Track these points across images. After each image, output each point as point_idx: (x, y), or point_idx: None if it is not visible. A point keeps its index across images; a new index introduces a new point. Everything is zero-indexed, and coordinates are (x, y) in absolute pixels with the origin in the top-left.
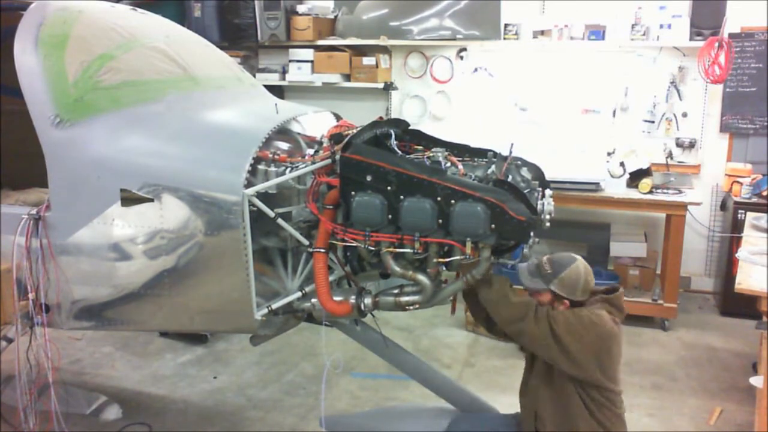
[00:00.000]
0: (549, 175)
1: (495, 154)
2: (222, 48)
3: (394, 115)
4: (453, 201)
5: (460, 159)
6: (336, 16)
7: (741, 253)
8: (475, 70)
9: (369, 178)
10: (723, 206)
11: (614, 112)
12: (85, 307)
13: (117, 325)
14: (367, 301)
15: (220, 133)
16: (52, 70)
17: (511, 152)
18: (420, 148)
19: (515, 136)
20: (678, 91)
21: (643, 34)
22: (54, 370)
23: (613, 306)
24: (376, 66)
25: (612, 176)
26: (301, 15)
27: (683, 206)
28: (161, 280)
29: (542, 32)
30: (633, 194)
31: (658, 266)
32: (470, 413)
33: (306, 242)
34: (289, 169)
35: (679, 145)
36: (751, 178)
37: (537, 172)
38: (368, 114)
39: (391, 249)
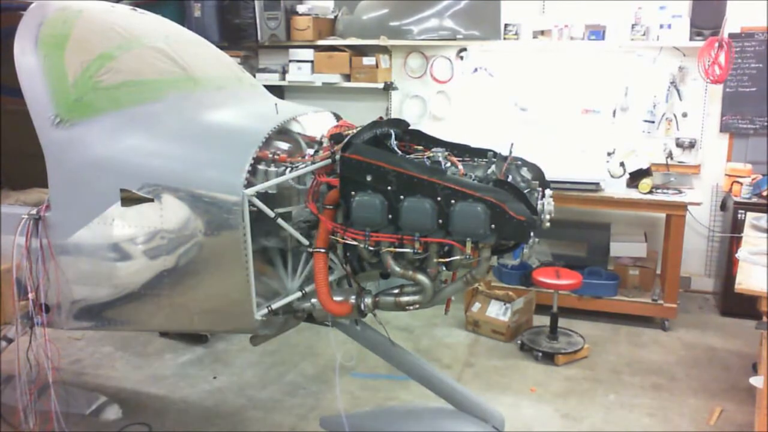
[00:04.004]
0: (549, 175)
1: (495, 154)
2: (222, 48)
3: (394, 115)
4: (453, 201)
5: (460, 159)
6: (336, 16)
7: (741, 253)
8: (475, 70)
9: (369, 178)
10: (723, 206)
11: (614, 112)
12: (85, 307)
13: (117, 325)
14: (367, 301)
15: (220, 133)
16: (52, 70)
17: (511, 152)
18: (420, 148)
19: (515, 136)
20: (678, 91)
21: (643, 34)
22: (54, 370)
23: None
24: (376, 66)
25: (612, 176)
26: (301, 15)
27: (683, 206)
28: (161, 280)
29: (542, 32)
30: (633, 194)
31: (658, 266)
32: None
33: (306, 242)
34: (289, 169)
35: (679, 145)
36: (751, 178)
37: (537, 172)
38: (368, 114)
39: (391, 249)
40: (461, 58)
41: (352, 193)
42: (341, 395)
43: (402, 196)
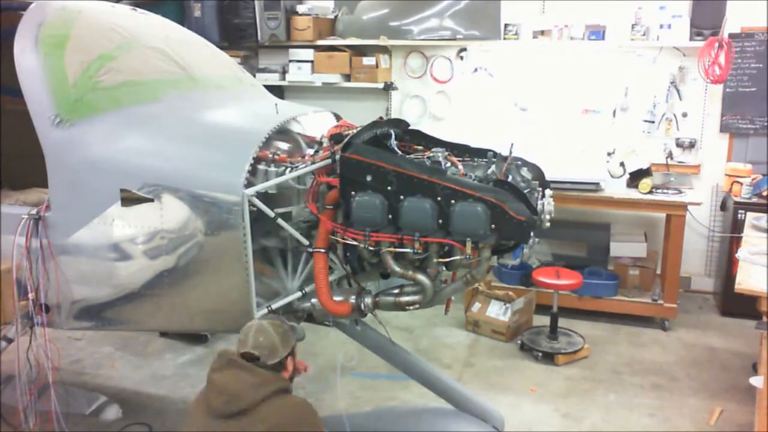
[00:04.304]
0: (549, 175)
1: (495, 154)
2: (222, 48)
3: (394, 115)
4: (453, 201)
5: (460, 159)
6: (336, 16)
7: (741, 253)
8: (475, 70)
9: (369, 178)
10: (723, 206)
11: (614, 112)
12: (85, 307)
13: (117, 325)
14: (367, 301)
15: (220, 133)
16: (52, 70)
17: (511, 152)
18: (420, 148)
19: (515, 136)
20: (678, 91)
21: (643, 34)
22: (54, 370)
23: None
24: (376, 66)
25: (612, 176)
26: (301, 15)
27: (683, 206)
28: (161, 280)
29: (542, 32)
30: (633, 194)
31: (658, 266)
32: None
33: (306, 242)
34: (289, 169)
35: (679, 145)
36: (751, 178)
37: (537, 172)
38: (368, 114)
39: (391, 249)
40: (461, 58)
41: (352, 193)
42: (342, 395)
43: (402, 196)
